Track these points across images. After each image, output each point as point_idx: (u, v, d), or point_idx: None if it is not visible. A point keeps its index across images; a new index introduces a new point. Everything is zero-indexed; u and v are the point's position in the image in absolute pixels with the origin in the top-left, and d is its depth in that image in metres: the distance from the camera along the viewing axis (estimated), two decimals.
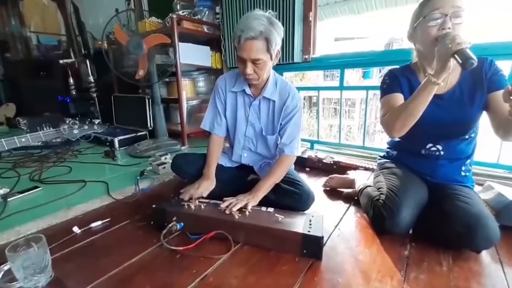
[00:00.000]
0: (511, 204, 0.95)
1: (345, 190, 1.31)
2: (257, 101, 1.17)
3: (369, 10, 3.70)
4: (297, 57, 1.80)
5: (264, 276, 0.76)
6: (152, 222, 1.02)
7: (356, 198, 1.24)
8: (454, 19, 0.83)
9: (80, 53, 3.42)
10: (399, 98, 0.98)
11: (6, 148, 1.00)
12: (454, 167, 1.01)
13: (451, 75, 0.90)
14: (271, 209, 0.99)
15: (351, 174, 1.45)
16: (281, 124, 1.17)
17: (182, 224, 0.95)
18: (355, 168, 1.58)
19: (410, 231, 0.94)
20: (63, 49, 3.73)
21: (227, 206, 0.98)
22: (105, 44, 2.46)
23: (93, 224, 1.04)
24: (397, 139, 1.13)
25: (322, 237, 0.81)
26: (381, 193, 0.99)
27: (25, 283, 0.72)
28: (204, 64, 2.20)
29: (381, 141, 1.65)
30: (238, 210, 0.96)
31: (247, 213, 0.95)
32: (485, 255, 0.85)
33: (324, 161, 1.65)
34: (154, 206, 1.00)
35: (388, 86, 1.02)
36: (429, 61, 0.95)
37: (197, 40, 2.16)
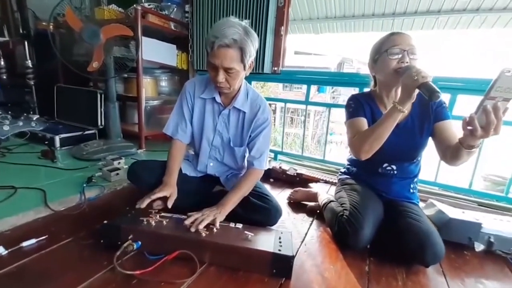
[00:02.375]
0: (451, 221, 1.08)
1: (309, 204, 1.34)
2: (226, 111, 1.12)
3: (330, 31, 3.97)
4: (267, 68, 1.81)
5: None
6: (102, 241, 0.88)
7: (318, 211, 1.28)
8: (411, 55, 0.94)
9: (17, 32, 2.91)
10: (363, 122, 1.05)
11: None
12: (404, 185, 1.12)
13: None
14: (239, 225, 0.95)
15: (313, 187, 1.50)
16: (250, 136, 1.14)
17: (140, 243, 0.85)
18: (317, 180, 1.64)
19: (368, 246, 1.00)
20: None
21: (192, 223, 0.91)
22: (51, 27, 2.14)
23: (25, 243, 0.87)
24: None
25: (293, 257, 0.80)
26: (344, 209, 1.03)
27: None
28: (168, 63, 2.07)
29: (329, 151, 1.75)
30: (205, 227, 0.90)
31: (214, 230, 0.90)
32: (431, 268, 0.94)
33: (287, 172, 1.68)
34: (105, 222, 0.88)
35: (354, 110, 1.08)
36: (388, 90, 1.04)
37: (163, 37, 2.03)
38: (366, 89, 1.30)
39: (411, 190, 1.13)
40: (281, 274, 0.82)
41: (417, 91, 0.85)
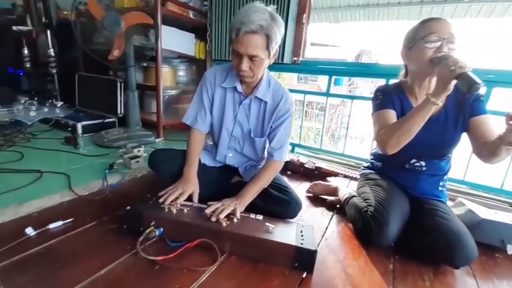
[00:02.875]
0: (483, 222, 1.02)
1: (328, 198, 1.31)
2: (248, 100, 1.10)
3: (351, 20, 3.81)
4: (287, 58, 1.76)
5: None
6: (124, 226, 0.90)
7: (338, 206, 1.25)
8: (450, 44, 0.87)
9: (40, 21, 2.98)
10: (392, 114, 1.00)
11: None
12: (433, 182, 1.06)
13: None
14: (260, 217, 0.94)
15: (331, 181, 1.47)
16: (271, 127, 1.11)
17: (162, 230, 0.85)
18: (336, 174, 1.60)
19: (392, 243, 0.96)
20: (18, 14, 3.22)
21: (213, 212, 0.90)
22: (73, 15, 2.17)
23: (52, 225, 0.89)
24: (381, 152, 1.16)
25: (316, 251, 0.78)
26: (368, 205, 1.00)
27: None
28: (187, 53, 2.05)
29: (344, 147, 1.70)
30: (226, 217, 0.89)
31: (235, 220, 0.89)
32: (460, 270, 0.90)
33: (306, 166, 1.65)
34: (128, 208, 0.89)
35: (381, 102, 1.03)
36: (421, 81, 0.98)
37: (181, 26, 2.00)
38: (393, 81, 1.23)
39: (440, 188, 1.07)
40: (303, 268, 0.80)
41: (453, 82, 0.79)
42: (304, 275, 0.79)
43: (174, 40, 1.90)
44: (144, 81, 2.15)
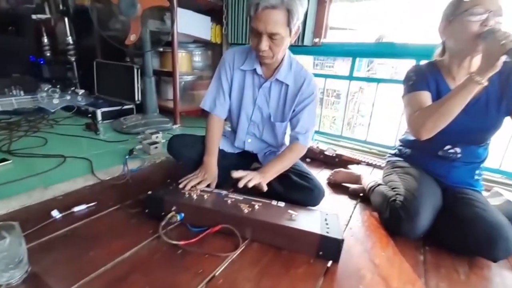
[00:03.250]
0: None
1: (351, 186, 1.26)
2: (268, 83, 1.04)
3: None
4: (307, 40, 1.67)
5: (279, 279, 0.69)
6: (146, 210, 0.89)
7: (362, 194, 1.20)
8: (497, 17, 0.77)
9: (58, 9, 3.00)
10: (427, 96, 0.92)
11: None
12: (468, 170, 0.99)
13: None
14: (281, 204, 0.91)
15: (353, 169, 1.41)
16: (294, 111, 1.06)
17: (183, 215, 0.84)
18: (358, 162, 1.54)
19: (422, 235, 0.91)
20: (37, 2, 3.27)
21: (238, 180, 0.89)
22: (89, 2, 2.16)
23: (76, 208, 0.90)
24: (412, 138, 1.08)
25: (343, 240, 0.74)
26: (397, 193, 0.94)
27: None
28: (203, 37, 2.00)
29: (367, 133, 1.62)
30: (246, 203, 0.87)
31: (256, 207, 0.86)
32: (498, 263, 0.83)
33: (326, 153, 1.59)
34: (149, 193, 0.88)
35: (415, 83, 0.95)
36: (461, 59, 0.89)
37: (197, 8, 1.95)
38: (423, 62, 1.13)
39: (476, 177, 0.99)
40: (328, 257, 0.77)
41: (502, 59, 0.71)
42: (329, 264, 0.76)
43: (190, 23, 1.85)
44: (161, 67, 2.13)
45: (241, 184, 0.89)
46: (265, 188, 0.93)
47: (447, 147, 0.97)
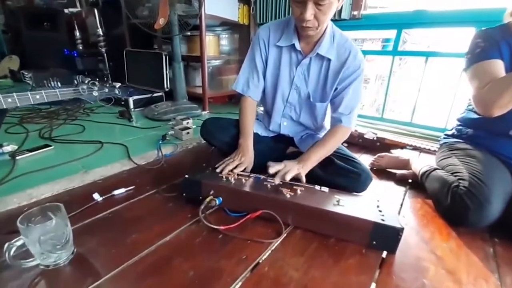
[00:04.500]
0: None
1: (398, 172, 1.14)
2: (307, 60, 0.95)
3: None
4: (345, 13, 1.52)
5: (329, 270, 0.63)
6: (184, 194, 0.87)
7: (411, 181, 1.09)
8: None
9: (87, 1, 3.08)
10: (499, 65, 0.78)
11: (19, 105, 0.84)
12: None
13: None
14: (325, 189, 0.84)
15: (394, 153, 1.29)
16: (336, 89, 0.96)
17: (221, 199, 0.81)
18: (402, 146, 1.40)
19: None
20: None
21: (275, 174, 0.84)
22: None
23: (116, 192, 0.91)
24: (475, 116, 0.94)
25: (403, 229, 0.66)
26: (460, 178, 0.82)
27: (43, 260, 0.59)
28: (230, 18, 1.92)
29: (412, 115, 1.45)
30: (288, 188, 0.80)
31: (298, 191, 0.80)
32: None
33: (365, 136, 1.47)
34: (187, 176, 0.85)
35: (483, 51, 0.81)
36: None
37: None
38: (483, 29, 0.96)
39: None
40: (382, 247, 0.69)
41: None
42: (384, 255, 0.68)
43: (217, 3, 1.78)
44: (188, 52, 2.10)
45: (277, 180, 0.83)
46: (304, 180, 0.85)
47: None
